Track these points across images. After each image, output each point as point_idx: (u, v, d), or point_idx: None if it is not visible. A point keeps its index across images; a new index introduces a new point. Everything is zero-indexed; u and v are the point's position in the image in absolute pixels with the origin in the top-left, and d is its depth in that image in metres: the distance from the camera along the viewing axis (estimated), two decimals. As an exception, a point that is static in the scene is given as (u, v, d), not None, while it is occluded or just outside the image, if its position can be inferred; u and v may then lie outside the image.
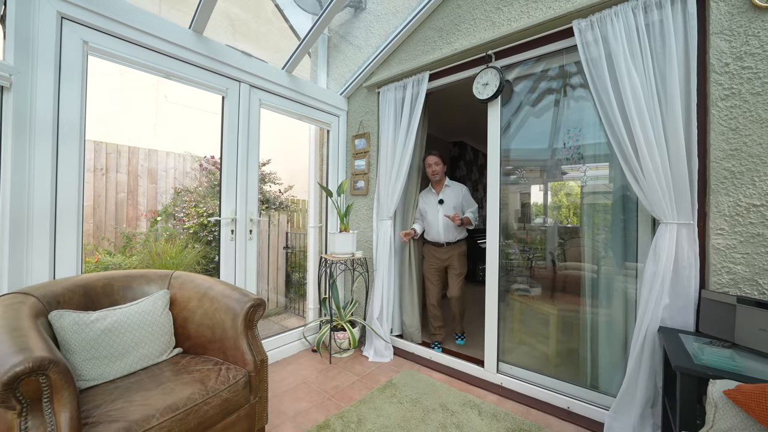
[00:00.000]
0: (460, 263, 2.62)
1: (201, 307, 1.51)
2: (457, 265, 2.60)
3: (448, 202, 2.55)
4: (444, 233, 2.53)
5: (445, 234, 2.53)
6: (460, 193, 2.60)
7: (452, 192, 2.60)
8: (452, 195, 2.59)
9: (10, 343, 0.90)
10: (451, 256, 2.57)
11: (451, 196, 2.58)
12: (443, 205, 2.55)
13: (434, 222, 2.56)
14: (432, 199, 2.60)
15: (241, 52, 2.12)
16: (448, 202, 2.55)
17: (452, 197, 2.58)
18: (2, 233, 1.29)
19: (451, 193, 2.59)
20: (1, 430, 0.86)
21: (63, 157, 1.44)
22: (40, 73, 1.38)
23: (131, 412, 1.06)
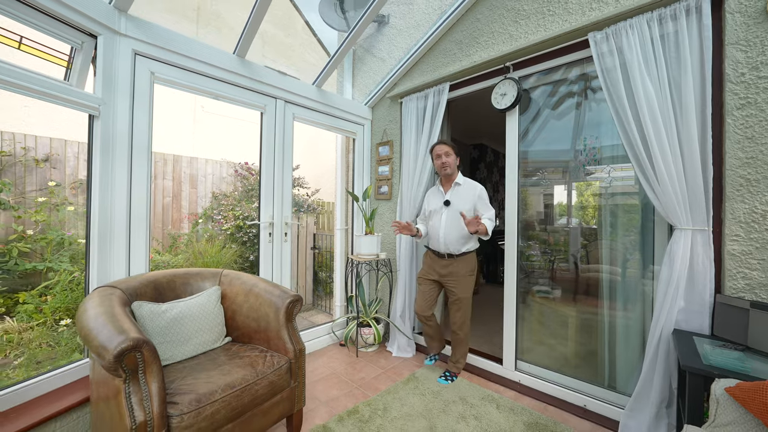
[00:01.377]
0: (463, 285, 2.08)
1: (247, 301, 1.73)
2: (458, 285, 2.08)
3: (456, 204, 2.08)
4: (445, 242, 2.06)
5: (447, 243, 2.06)
6: (474, 195, 2.09)
7: (464, 192, 2.11)
8: (463, 196, 2.11)
9: (112, 326, 1.14)
10: (452, 273, 2.09)
11: (461, 197, 2.10)
12: (449, 207, 2.09)
13: (437, 226, 2.13)
14: (438, 199, 2.17)
15: (278, 72, 2.35)
16: (456, 204, 2.08)
17: (463, 199, 2.10)
18: (93, 238, 1.57)
19: (462, 194, 2.11)
20: (112, 393, 1.09)
21: (135, 172, 1.71)
22: (119, 102, 1.64)
23: (199, 387, 1.28)
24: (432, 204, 2.21)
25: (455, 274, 2.10)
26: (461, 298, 2.11)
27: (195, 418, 1.19)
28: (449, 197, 2.13)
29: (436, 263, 2.16)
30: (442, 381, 2.19)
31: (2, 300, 2.25)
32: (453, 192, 2.15)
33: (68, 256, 2.65)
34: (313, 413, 1.86)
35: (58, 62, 1.54)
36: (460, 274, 2.10)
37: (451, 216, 2.07)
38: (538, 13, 2.08)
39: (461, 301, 2.11)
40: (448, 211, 2.10)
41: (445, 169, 2.12)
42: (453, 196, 2.13)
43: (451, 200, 2.11)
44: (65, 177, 2.93)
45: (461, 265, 2.11)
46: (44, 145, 2.84)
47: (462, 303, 2.12)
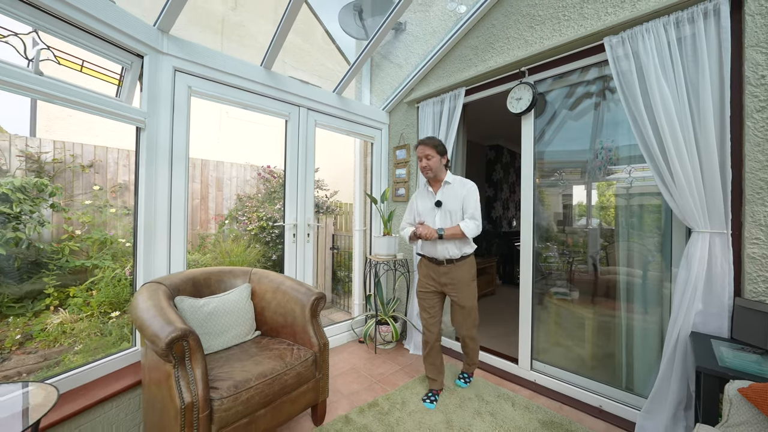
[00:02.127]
0: (468, 292, 1.93)
1: (275, 298, 1.86)
2: (461, 294, 1.92)
3: (448, 205, 1.93)
4: (438, 246, 1.92)
5: (444, 246, 1.91)
6: (462, 191, 1.92)
7: (455, 190, 1.95)
8: (456, 194, 1.94)
9: (162, 318, 1.28)
10: (453, 280, 1.92)
11: (453, 196, 1.94)
12: (441, 208, 1.94)
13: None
14: (427, 200, 2.01)
15: (301, 81, 2.48)
16: (448, 205, 1.93)
17: (455, 197, 1.93)
18: (139, 238, 1.74)
19: (453, 192, 1.95)
20: (163, 377, 1.23)
21: (175, 177, 1.87)
22: (161, 115, 1.81)
23: (235, 374, 1.41)
24: (422, 206, 2.03)
25: (457, 281, 1.91)
26: (467, 307, 1.93)
27: (233, 402, 1.31)
28: (440, 197, 1.96)
29: (433, 271, 1.98)
30: (461, 384, 2.19)
31: (57, 293, 2.49)
32: (443, 191, 1.97)
33: (110, 254, 2.89)
34: (336, 405, 1.97)
35: (112, 81, 1.72)
36: (462, 281, 1.92)
37: (444, 216, 1.93)
38: (553, 18, 2.11)
39: (467, 310, 1.94)
40: (441, 212, 1.95)
41: (426, 172, 1.96)
42: (444, 195, 1.96)
43: (442, 200, 1.95)
44: (106, 181, 3.18)
45: (462, 270, 1.93)
46: (89, 152, 3.09)
47: (469, 312, 1.95)
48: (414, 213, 2.09)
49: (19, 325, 2.26)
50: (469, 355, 2.16)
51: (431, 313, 2.02)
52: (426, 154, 1.94)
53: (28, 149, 2.71)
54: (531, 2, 2.22)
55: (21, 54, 1.34)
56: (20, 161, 2.65)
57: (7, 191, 2.16)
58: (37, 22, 1.34)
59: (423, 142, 1.96)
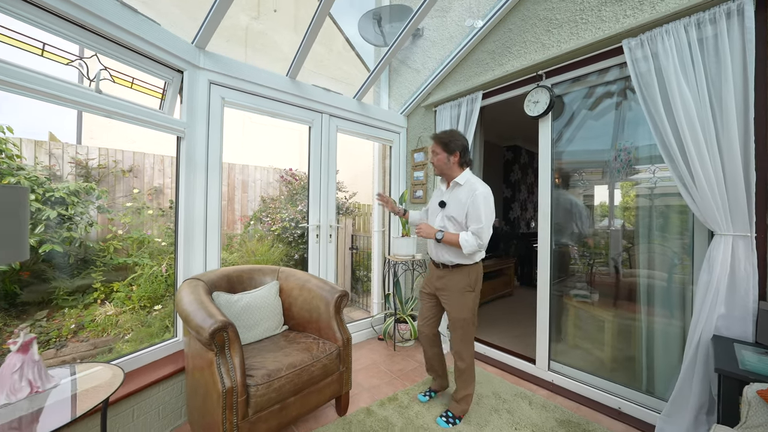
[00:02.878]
0: (457, 303, 1.76)
1: (301, 295, 1.98)
2: (450, 302, 1.79)
3: (451, 209, 1.77)
4: (436, 248, 1.82)
5: (438, 250, 1.81)
6: (468, 199, 1.71)
7: (461, 194, 1.75)
8: (460, 198, 1.75)
9: (204, 311, 1.42)
10: (445, 286, 1.80)
11: (457, 200, 1.76)
12: (444, 210, 1.81)
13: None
14: (437, 197, 1.90)
15: (323, 89, 2.60)
16: (451, 209, 1.77)
17: (459, 202, 1.75)
18: (180, 237, 1.90)
19: (458, 195, 1.76)
20: (206, 364, 1.37)
21: (210, 182, 2.02)
22: (198, 125, 1.97)
23: (268, 364, 1.54)
24: (432, 202, 1.93)
25: (448, 288, 1.78)
26: (455, 318, 1.77)
27: (267, 389, 1.44)
28: (446, 198, 1.83)
29: (432, 273, 1.90)
30: (441, 423, 1.81)
31: (103, 288, 2.73)
32: (452, 193, 1.81)
33: (148, 252, 3.12)
34: (357, 397, 2.08)
35: (156, 95, 1.89)
36: (453, 290, 1.77)
37: (445, 221, 1.80)
38: (571, 21, 2.13)
39: (455, 322, 1.78)
40: (442, 214, 1.81)
41: (435, 170, 1.87)
42: (450, 197, 1.81)
43: (447, 202, 1.81)
44: (143, 184, 3.42)
45: (455, 278, 1.77)
46: (128, 157, 3.34)
47: (457, 325, 1.78)
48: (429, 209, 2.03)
49: (73, 315, 2.50)
50: (458, 385, 1.85)
51: (425, 316, 1.96)
52: (432, 149, 1.85)
53: (78, 156, 2.97)
54: (548, 6, 2.25)
55: (85, 75, 1.51)
56: (71, 167, 2.92)
57: (64, 195, 2.40)
58: (98, 47, 1.51)
59: (433, 135, 1.88)
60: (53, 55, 1.44)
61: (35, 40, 1.34)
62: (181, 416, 1.79)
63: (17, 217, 0.87)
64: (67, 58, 1.47)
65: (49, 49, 1.40)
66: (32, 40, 1.36)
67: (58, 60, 1.45)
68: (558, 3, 2.20)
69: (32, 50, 1.37)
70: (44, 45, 1.39)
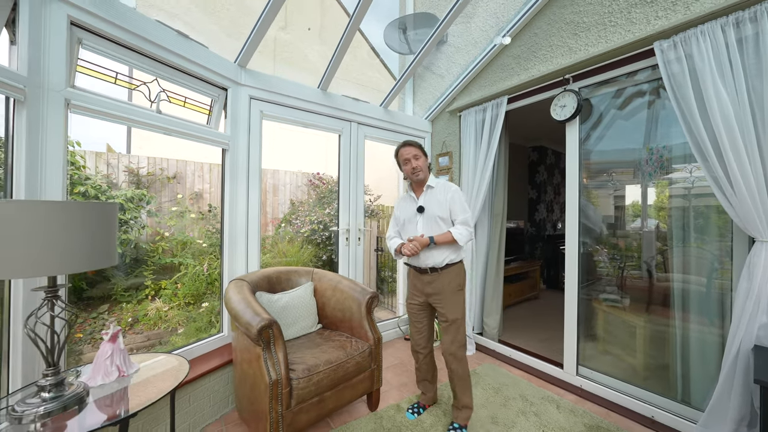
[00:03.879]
0: (453, 303, 1.78)
1: (334, 296, 2.11)
2: (446, 305, 1.78)
3: (431, 210, 1.81)
4: (423, 254, 1.79)
5: (427, 254, 1.79)
6: (448, 197, 1.81)
7: (437, 195, 1.83)
8: (438, 199, 1.82)
9: (251, 310, 1.56)
10: (438, 290, 1.79)
11: (435, 202, 1.82)
12: (424, 214, 1.83)
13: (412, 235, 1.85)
14: (410, 206, 1.90)
15: (352, 99, 2.72)
16: (431, 210, 1.81)
17: (438, 202, 1.81)
18: (225, 240, 2.09)
19: (436, 197, 1.83)
20: (254, 358, 1.52)
21: (251, 189, 2.20)
22: (240, 137, 2.14)
23: (307, 360, 1.67)
24: (405, 212, 1.91)
25: (442, 291, 1.79)
26: (452, 320, 1.77)
27: (307, 382, 1.56)
28: (422, 203, 1.85)
29: (419, 281, 1.86)
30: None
31: (153, 285, 3.00)
32: (426, 196, 1.86)
33: (191, 253, 3.37)
34: (387, 394, 2.17)
35: (203, 111, 2.08)
36: (447, 291, 1.78)
37: (428, 223, 1.82)
38: (599, 24, 2.12)
39: (452, 324, 1.78)
40: (423, 218, 1.83)
41: (416, 174, 1.85)
42: (426, 200, 1.85)
43: (425, 206, 1.83)
44: (186, 190, 3.70)
45: (447, 279, 1.79)
46: (172, 165, 3.62)
47: (454, 326, 1.78)
48: (397, 221, 1.96)
49: (129, 310, 2.77)
50: (457, 390, 1.82)
51: (418, 328, 1.91)
52: (414, 154, 1.84)
53: (130, 165, 3.27)
54: (575, 9, 2.24)
55: (147, 98, 1.71)
56: (125, 175, 3.22)
57: (122, 201, 2.67)
58: (158, 72, 1.70)
59: (408, 143, 1.87)
60: (124, 82, 1.64)
61: (109, 69, 1.54)
62: (228, 404, 1.97)
63: (110, 228, 1.03)
64: (134, 84, 1.67)
65: (108, 73, 1.61)
66: (107, 70, 1.56)
67: (128, 86, 1.65)
68: (585, 6, 2.19)
69: (107, 79, 1.57)
70: (117, 74, 1.59)
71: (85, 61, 1.47)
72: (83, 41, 1.39)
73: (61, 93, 1.30)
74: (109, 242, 1.03)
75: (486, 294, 2.96)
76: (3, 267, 0.82)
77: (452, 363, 1.80)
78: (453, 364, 1.80)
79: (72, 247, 0.90)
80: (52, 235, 0.87)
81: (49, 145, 1.26)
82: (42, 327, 0.99)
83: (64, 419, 0.92)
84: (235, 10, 4.21)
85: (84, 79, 1.46)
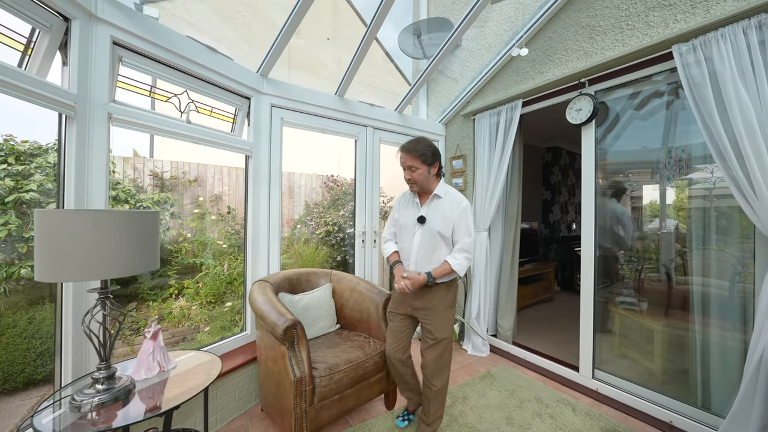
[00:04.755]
0: (441, 321, 1.66)
1: (352, 297, 2.17)
2: (434, 322, 1.65)
3: (433, 223, 1.64)
4: (417, 267, 1.66)
5: (420, 269, 1.65)
6: (455, 213, 1.62)
7: (445, 207, 1.65)
8: (444, 212, 1.64)
9: (276, 311, 1.64)
10: (426, 306, 1.67)
11: (439, 214, 1.64)
12: (424, 226, 1.66)
13: (407, 247, 1.71)
14: (411, 212, 1.73)
15: (368, 104, 2.79)
16: (433, 223, 1.64)
17: (442, 216, 1.63)
18: (248, 244, 2.17)
19: (442, 209, 1.65)
20: (279, 356, 1.60)
21: (272, 194, 2.28)
22: (263, 144, 2.23)
23: (328, 359, 1.73)
24: (404, 216, 1.74)
25: (432, 307, 1.66)
26: (439, 339, 1.65)
27: (328, 380, 1.63)
28: (425, 212, 1.67)
29: (407, 293, 1.66)
30: None
31: (176, 285, 3.13)
32: (430, 206, 1.67)
33: (211, 253, 3.50)
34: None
35: (228, 120, 2.17)
36: (437, 308, 1.66)
37: (426, 236, 1.65)
38: (615, 28, 2.11)
39: (439, 343, 1.65)
40: (423, 230, 1.66)
41: (411, 187, 1.68)
42: (430, 211, 1.66)
43: (427, 217, 1.65)
44: (206, 192, 3.83)
45: (439, 294, 1.66)
46: (193, 169, 3.76)
47: (440, 346, 1.65)
48: (396, 223, 1.79)
49: (155, 308, 2.91)
50: (432, 402, 1.70)
51: (398, 338, 1.75)
52: (409, 165, 1.62)
53: (155, 169, 3.42)
54: (591, 13, 2.24)
55: (177, 109, 1.81)
56: (150, 179, 3.37)
57: (150, 204, 2.80)
58: (188, 84, 1.80)
59: (406, 148, 1.63)
60: (157, 95, 1.74)
61: (138, 81, 1.65)
62: (252, 400, 2.06)
63: (153, 235, 1.12)
64: (165, 96, 1.77)
65: (137, 85, 1.71)
66: (143, 84, 1.67)
67: (161, 98, 1.75)
68: (601, 10, 2.19)
69: (142, 92, 1.67)
70: (151, 87, 1.69)
71: (122, 76, 1.57)
72: (123, 59, 1.50)
73: (105, 107, 1.40)
74: (153, 247, 1.12)
75: (500, 296, 2.97)
76: (67, 271, 0.91)
77: (434, 379, 1.67)
78: (435, 380, 1.67)
79: (123, 253, 0.99)
80: (107, 242, 0.96)
81: (94, 156, 1.36)
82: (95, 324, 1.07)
83: (115, 409, 1.01)
84: (251, 17, 4.34)
85: (121, 93, 1.57)
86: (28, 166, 2.23)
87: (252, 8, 4.43)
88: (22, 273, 2.08)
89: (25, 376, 1.97)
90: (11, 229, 2.06)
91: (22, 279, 2.13)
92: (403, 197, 1.81)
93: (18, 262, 2.12)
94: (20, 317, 2.07)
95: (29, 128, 2.31)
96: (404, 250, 1.73)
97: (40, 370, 2.01)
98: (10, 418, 1.75)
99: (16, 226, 2.09)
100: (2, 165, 2.16)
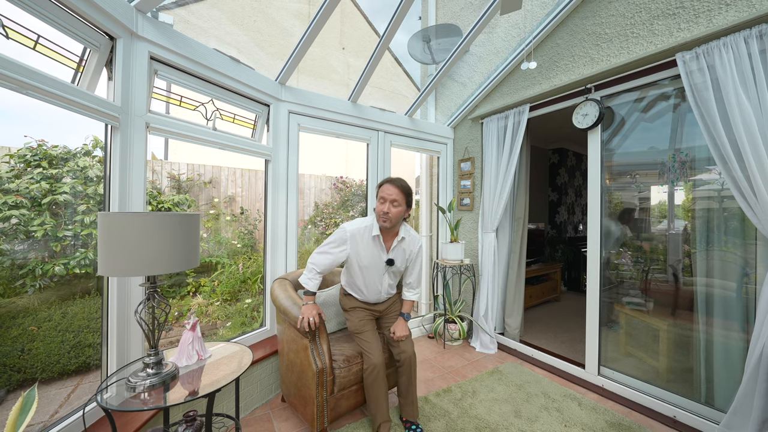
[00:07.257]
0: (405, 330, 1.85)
1: (366, 294, 2.27)
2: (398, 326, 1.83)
3: (398, 263, 1.78)
4: (381, 296, 1.86)
5: (382, 297, 1.87)
6: (413, 252, 1.81)
7: (406, 246, 1.78)
8: (403, 250, 1.78)
9: (298, 307, 1.74)
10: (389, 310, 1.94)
11: (401, 254, 1.78)
12: (393, 267, 1.76)
13: (374, 284, 1.79)
14: (376, 253, 1.74)
15: (379, 109, 2.89)
16: (398, 263, 1.78)
17: (402, 254, 1.78)
18: (268, 243, 2.29)
19: (402, 248, 1.78)
20: (301, 348, 1.70)
21: (290, 196, 2.39)
22: (281, 149, 2.34)
23: (345, 351, 1.83)
24: (367, 257, 1.73)
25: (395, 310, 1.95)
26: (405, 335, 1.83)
27: (347, 372, 1.73)
28: (393, 256, 1.75)
29: (371, 307, 1.88)
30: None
31: (194, 283, 3.26)
32: (397, 250, 1.77)
33: (226, 253, 3.62)
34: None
35: (249, 126, 2.29)
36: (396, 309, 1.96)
37: (392, 275, 1.83)
38: (621, 36, 2.19)
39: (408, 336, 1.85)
40: (390, 272, 1.80)
41: (385, 222, 1.66)
42: (396, 254, 1.76)
43: (395, 259, 1.76)
44: (220, 194, 3.96)
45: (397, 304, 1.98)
46: (208, 171, 3.89)
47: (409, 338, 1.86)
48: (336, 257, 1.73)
49: (174, 305, 3.04)
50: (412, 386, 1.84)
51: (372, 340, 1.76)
52: (393, 199, 1.63)
53: (172, 171, 3.55)
54: (597, 21, 2.32)
55: (204, 117, 1.93)
56: (167, 180, 3.50)
57: (170, 206, 2.93)
58: (213, 93, 1.92)
59: (393, 182, 1.66)
60: (185, 104, 1.86)
61: (175, 94, 1.76)
62: (272, 391, 2.17)
63: (195, 235, 1.23)
64: (193, 105, 1.89)
65: (164, 96, 1.83)
66: (173, 94, 1.78)
67: (188, 107, 1.87)
68: (607, 18, 2.26)
69: (173, 102, 1.79)
70: (181, 98, 1.81)
71: (157, 88, 1.69)
72: (158, 72, 1.61)
73: (143, 118, 1.52)
74: (195, 246, 1.23)
75: (507, 295, 3.05)
76: (127, 267, 1.02)
77: (414, 364, 1.82)
78: (414, 364, 1.82)
79: (173, 251, 1.10)
80: (164, 241, 1.07)
81: (134, 163, 1.48)
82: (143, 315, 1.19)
83: (163, 391, 1.12)
84: (261, 21, 4.46)
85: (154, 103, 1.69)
86: (60, 170, 2.36)
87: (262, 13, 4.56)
88: (56, 270, 2.22)
89: (60, 367, 2.10)
90: (47, 229, 2.19)
91: (55, 276, 2.27)
92: (359, 235, 1.71)
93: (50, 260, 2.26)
94: (54, 311, 2.21)
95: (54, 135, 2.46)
96: (370, 285, 1.80)
97: (74, 361, 2.14)
98: (50, 405, 1.87)
99: (51, 227, 2.23)
100: (37, 169, 2.30)
